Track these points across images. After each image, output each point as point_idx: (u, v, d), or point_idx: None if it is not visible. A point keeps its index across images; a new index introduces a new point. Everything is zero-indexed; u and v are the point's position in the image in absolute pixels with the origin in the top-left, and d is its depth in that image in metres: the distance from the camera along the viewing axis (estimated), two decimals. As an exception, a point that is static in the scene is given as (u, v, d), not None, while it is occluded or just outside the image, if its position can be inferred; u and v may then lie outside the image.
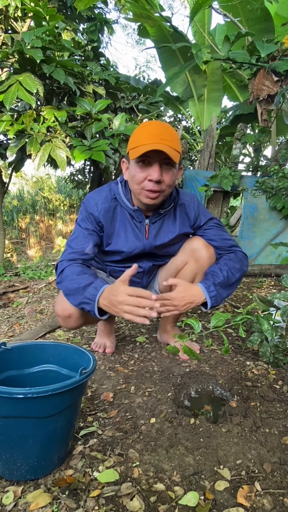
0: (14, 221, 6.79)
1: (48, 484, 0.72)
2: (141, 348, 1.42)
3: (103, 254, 1.24)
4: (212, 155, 2.92)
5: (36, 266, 3.27)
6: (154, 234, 1.19)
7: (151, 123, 1.06)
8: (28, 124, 2.14)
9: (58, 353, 0.92)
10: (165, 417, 0.93)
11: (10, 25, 3.10)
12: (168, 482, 0.72)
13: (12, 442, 0.71)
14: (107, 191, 1.17)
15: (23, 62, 2.24)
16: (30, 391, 0.67)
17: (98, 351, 1.38)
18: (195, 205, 1.23)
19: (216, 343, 1.45)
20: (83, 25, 3.33)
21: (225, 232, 1.27)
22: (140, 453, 0.81)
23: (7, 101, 2.09)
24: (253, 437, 0.85)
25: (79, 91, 2.46)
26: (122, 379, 1.15)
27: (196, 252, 1.23)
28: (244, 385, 1.09)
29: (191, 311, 1.88)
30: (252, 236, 2.82)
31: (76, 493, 0.70)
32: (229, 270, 1.15)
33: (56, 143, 2.15)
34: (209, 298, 1.10)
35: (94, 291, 0.98)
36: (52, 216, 7.32)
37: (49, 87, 2.44)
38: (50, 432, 0.73)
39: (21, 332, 1.65)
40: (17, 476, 0.73)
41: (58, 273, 1.10)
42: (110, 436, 0.87)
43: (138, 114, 3.06)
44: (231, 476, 0.73)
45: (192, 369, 1.21)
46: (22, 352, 0.90)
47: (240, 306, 1.93)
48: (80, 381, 0.73)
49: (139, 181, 1.03)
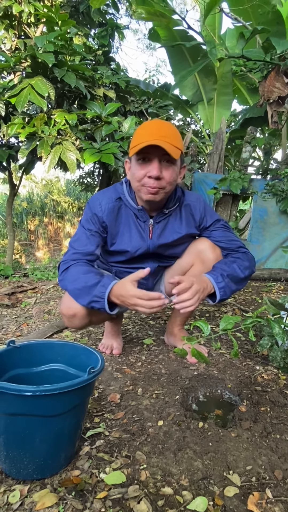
0: (23, 223, 6.87)
1: (54, 484, 0.71)
2: (149, 350, 1.41)
3: (108, 254, 1.24)
4: (222, 158, 2.91)
5: (45, 268, 3.29)
6: (157, 234, 1.18)
7: (151, 122, 1.07)
8: (39, 127, 2.17)
9: (66, 352, 0.91)
10: (172, 420, 0.92)
11: (23, 31, 3.17)
12: (176, 486, 0.71)
13: (19, 440, 0.71)
14: (112, 191, 1.17)
15: (36, 66, 2.28)
16: (38, 389, 0.66)
17: (105, 352, 1.38)
18: (201, 206, 1.22)
19: (225, 346, 1.43)
20: (95, 31, 3.37)
21: (232, 234, 1.25)
22: (147, 456, 0.79)
23: (19, 104, 2.12)
24: (263, 443, 0.82)
25: (90, 95, 2.48)
26: (129, 381, 1.14)
27: (202, 253, 1.21)
28: (254, 390, 1.06)
29: (199, 313, 1.86)
30: (261, 240, 2.79)
31: (83, 494, 0.69)
32: (238, 266, 1.13)
33: (66, 146, 2.17)
34: (217, 288, 1.07)
35: (102, 289, 0.99)
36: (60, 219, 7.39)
37: (60, 91, 2.48)
38: (57, 431, 0.72)
39: (29, 332, 1.66)
40: (23, 475, 0.72)
41: (61, 272, 1.09)
42: (117, 437, 0.86)
43: (148, 117, 3.08)
44: (241, 482, 0.72)
45: (200, 372, 1.19)
46: (31, 351, 0.90)
47: (249, 310, 1.90)
48: (89, 381, 0.72)
49: (140, 178, 1.04)
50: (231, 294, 1.12)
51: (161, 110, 3.16)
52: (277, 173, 2.71)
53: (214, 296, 1.09)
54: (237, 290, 1.16)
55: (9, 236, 3.44)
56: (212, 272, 1.11)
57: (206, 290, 1.06)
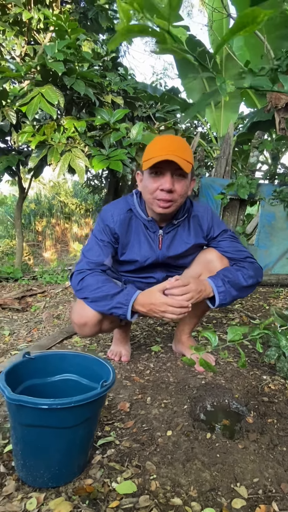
0: (31, 224, 6.96)
1: (69, 492, 0.75)
2: (157, 357, 1.44)
3: (118, 263, 1.28)
4: (229, 162, 2.92)
5: (53, 271, 3.34)
6: (167, 245, 1.21)
7: (163, 137, 1.11)
8: (49, 135, 2.21)
9: (78, 363, 0.95)
10: (181, 430, 0.94)
11: (32, 37, 3.22)
12: (185, 497, 0.74)
13: (35, 450, 0.74)
14: (123, 203, 1.21)
15: (45, 74, 2.32)
16: (54, 402, 0.70)
17: (114, 359, 1.41)
18: (209, 216, 1.25)
19: (232, 355, 1.45)
20: (103, 36, 3.41)
21: (239, 244, 1.27)
22: (157, 466, 0.82)
23: (29, 113, 2.16)
24: (270, 455, 0.85)
25: (98, 101, 2.52)
26: (138, 389, 1.17)
27: (210, 263, 1.24)
28: (261, 401, 1.08)
29: (206, 319, 1.88)
30: (269, 245, 2.79)
31: (96, 502, 0.72)
32: (242, 275, 1.16)
33: (75, 153, 2.21)
34: (217, 292, 1.11)
35: (127, 296, 1.06)
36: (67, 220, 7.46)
37: (69, 97, 2.52)
38: (71, 441, 0.76)
39: (39, 337, 1.70)
40: (39, 483, 0.76)
41: (78, 281, 1.13)
42: (127, 447, 0.89)
43: (155, 122, 3.10)
44: (247, 494, 0.74)
45: (208, 381, 1.21)
46: (45, 361, 0.93)
47: (256, 317, 1.91)
48: (101, 394, 0.76)
49: (152, 191, 1.08)
50: (231, 300, 1.15)
51: (168, 114, 3.18)
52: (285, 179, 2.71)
53: (214, 300, 1.13)
54: (239, 297, 1.19)
55: (18, 239, 3.49)
56: (213, 277, 1.15)
57: (204, 293, 1.10)
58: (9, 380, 0.78)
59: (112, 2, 3.10)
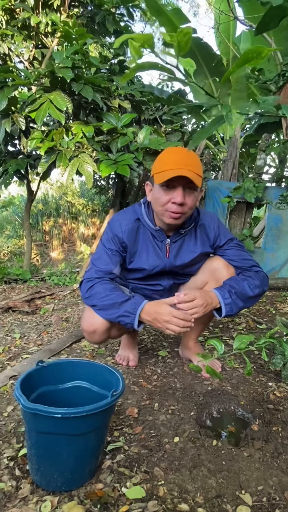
0: (38, 224, 7.04)
1: (81, 496, 0.78)
2: (164, 362, 1.47)
3: (126, 271, 1.31)
4: (236, 165, 2.92)
5: (61, 272, 3.39)
6: (174, 254, 1.24)
7: (175, 150, 1.13)
8: (57, 141, 2.25)
9: (89, 371, 0.98)
10: (188, 437, 0.97)
11: (40, 41, 3.26)
12: (192, 503, 0.77)
13: (49, 455, 0.78)
14: (131, 213, 1.25)
15: (54, 80, 2.35)
16: (67, 411, 0.73)
17: (122, 364, 1.44)
18: (215, 225, 1.27)
19: (238, 361, 1.47)
20: (110, 39, 3.42)
21: (245, 252, 1.30)
22: (165, 472, 0.85)
23: (38, 119, 2.20)
24: (274, 464, 0.87)
25: (106, 106, 2.54)
26: (146, 395, 1.20)
27: (216, 272, 1.26)
28: (266, 408, 1.11)
29: (213, 324, 1.90)
30: (276, 248, 2.79)
31: (107, 507, 0.76)
32: (248, 285, 1.18)
33: (83, 158, 2.24)
34: (223, 304, 1.14)
35: (134, 305, 1.09)
36: (74, 220, 7.52)
37: (77, 102, 2.55)
38: (83, 448, 0.79)
39: (49, 341, 1.75)
40: (53, 487, 0.80)
41: (87, 289, 1.17)
42: (136, 452, 0.92)
43: (162, 125, 3.11)
44: (252, 502, 0.77)
45: (214, 387, 1.24)
46: (57, 369, 0.97)
47: (263, 322, 1.93)
48: (112, 403, 0.79)
49: (164, 203, 1.11)
50: (238, 310, 1.17)
51: (175, 117, 3.19)
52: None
53: (221, 311, 1.15)
54: (245, 307, 1.21)
55: (27, 240, 3.55)
56: (220, 288, 1.17)
57: (210, 305, 1.13)
58: (23, 388, 0.82)
59: (119, 6, 3.12)
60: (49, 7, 3.01)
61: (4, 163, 2.77)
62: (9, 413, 1.10)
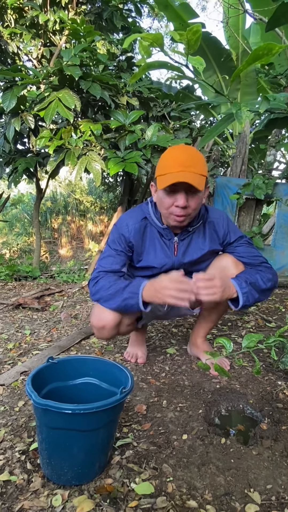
0: (47, 221, 7.11)
1: (90, 491, 0.80)
2: (172, 360, 1.47)
3: (135, 269, 1.31)
4: (245, 162, 2.88)
5: (70, 269, 3.43)
6: (182, 251, 1.24)
7: (178, 150, 1.10)
8: (66, 139, 2.26)
9: (98, 368, 1.00)
10: (196, 435, 0.98)
11: (48, 38, 3.26)
12: (200, 500, 0.77)
13: (60, 450, 0.80)
14: (138, 212, 1.25)
15: (62, 78, 2.36)
16: (77, 407, 0.74)
17: (130, 361, 1.45)
18: (224, 222, 1.26)
19: (247, 359, 1.46)
20: (118, 36, 3.41)
21: (255, 250, 1.29)
22: (173, 469, 0.86)
23: (47, 117, 2.22)
24: (283, 463, 0.87)
25: (114, 103, 2.54)
26: (154, 392, 1.21)
27: (226, 269, 1.25)
28: (275, 407, 1.10)
29: (221, 322, 1.89)
30: (285, 246, 2.76)
31: (116, 501, 0.77)
32: (260, 277, 1.18)
33: (92, 156, 2.25)
34: (241, 293, 1.12)
35: (136, 285, 1.11)
36: (83, 217, 7.57)
37: (85, 100, 2.55)
38: (93, 443, 0.81)
39: (59, 337, 1.77)
40: (63, 481, 0.81)
41: (92, 285, 1.18)
42: (145, 449, 0.93)
43: (170, 121, 3.09)
44: (261, 500, 0.77)
45: (222, 385, 1.24)
46: (66, 366, 0.99)
47: (272, 320, 1.91)
48: (121, 400, 0.80)
49: (167, 207, 1.11)
50: (253, 302, 1.16)
51: (183, 113, 3.16)
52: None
53: (237, 302, 1.14)
54: (259, 301, 1.20)
55: (36, 238, 3.60)
56: (236, 278, 1.16)
57: (228, 291, 1.11)
58: (34, 384, 0.83)
59: (127, 1, 3.10)
60: (57, 4, 3.01)
61: (14, 161, 2.80)
62: (20, 408, 1.12)
